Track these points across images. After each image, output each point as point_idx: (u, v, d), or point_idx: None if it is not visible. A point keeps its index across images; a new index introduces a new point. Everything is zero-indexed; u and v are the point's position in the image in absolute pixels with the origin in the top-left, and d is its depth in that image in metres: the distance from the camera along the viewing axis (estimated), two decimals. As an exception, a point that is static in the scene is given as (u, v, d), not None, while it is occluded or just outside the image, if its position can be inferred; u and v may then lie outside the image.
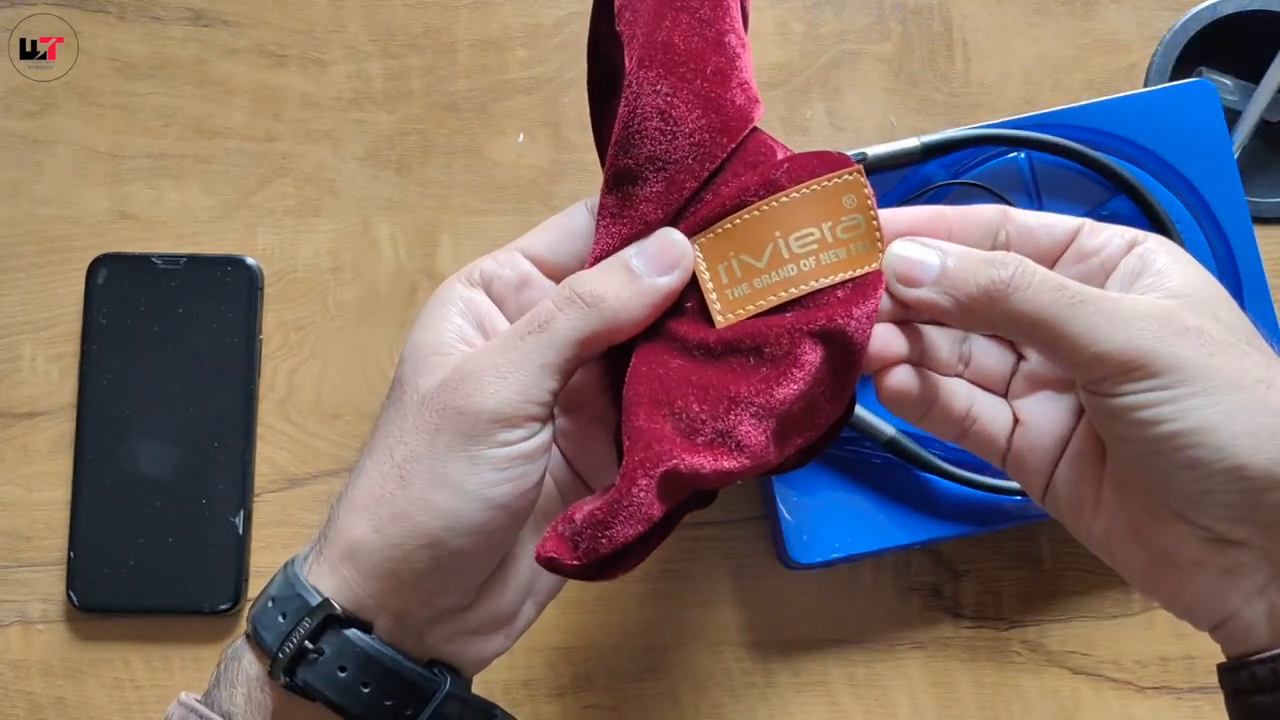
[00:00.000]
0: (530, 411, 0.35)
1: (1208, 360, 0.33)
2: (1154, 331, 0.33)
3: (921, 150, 0.56)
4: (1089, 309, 0.34)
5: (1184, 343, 0.33)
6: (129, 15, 0.64)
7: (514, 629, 0.40)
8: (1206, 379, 0.33)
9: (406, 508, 0.35)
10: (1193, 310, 0.35)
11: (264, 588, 0.39)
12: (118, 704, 0.60)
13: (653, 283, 0.37)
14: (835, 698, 0.60)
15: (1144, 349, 0.33)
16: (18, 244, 0.62)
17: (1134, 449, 0.35)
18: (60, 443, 0.61)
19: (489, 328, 0.38)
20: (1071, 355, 0.35)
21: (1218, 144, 0.58)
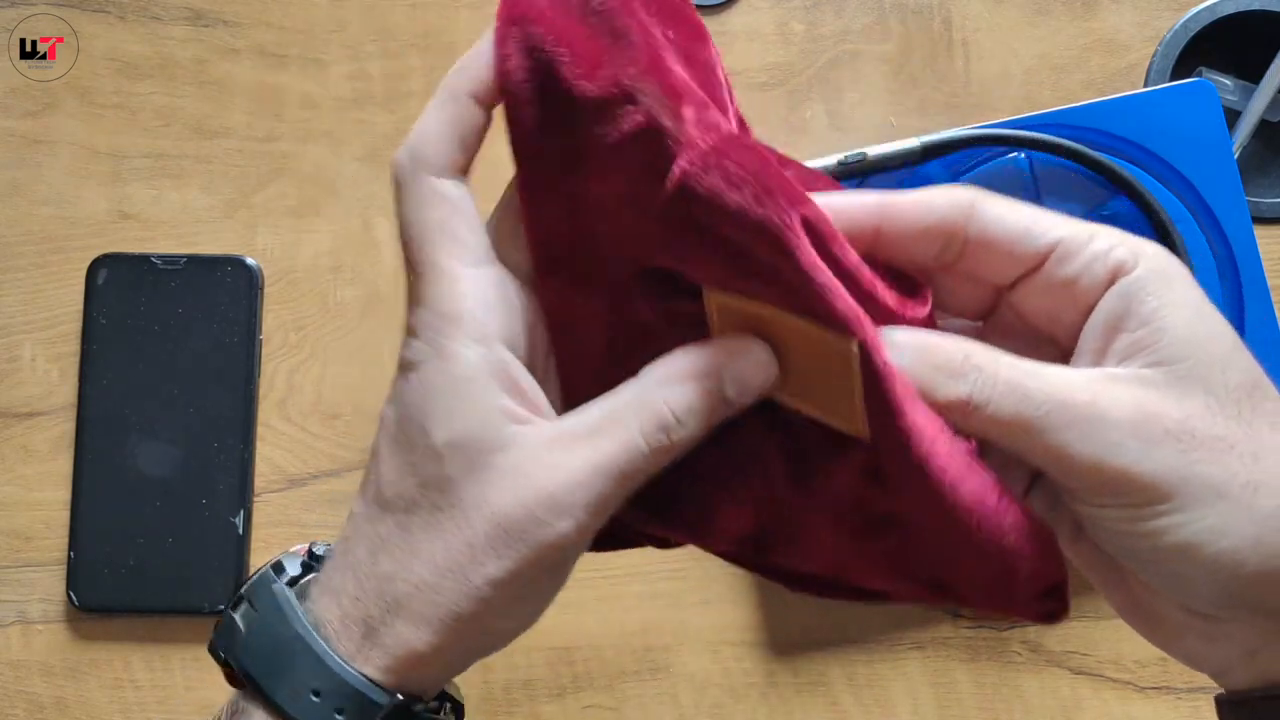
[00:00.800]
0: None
1: (1188, 470, 0.30)
2: (1128, 445, 0.30)
3: (921, 150, 0.56)
4: (1055, 421, 0.31)
5: (1162, 453, 0.30)
6: (129, 15, 0.64)
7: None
8: (1185, 492, 0.30)
9: (487, 623, 0.34)
10: (1181, 387, 0.31)
11: (272, 657, 0.35)
12: (118, 704, 0.60)
13: (739, 409, 0.34)
14: (835, 698, 0.60)
15: (1116, 467, 0.30)
16: (18, 244, 0.62)
17: (1112, 547, 0.33)
18: (60, 443, 0.61)
19: (519, 389, 0.34)
20: (1043, 466, 0.32)
21: (1218, 144, 0.58)
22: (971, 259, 0.33)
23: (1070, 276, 0.32)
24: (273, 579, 0.36)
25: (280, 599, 0.35)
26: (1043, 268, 0.32)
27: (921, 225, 0.33)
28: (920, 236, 0.33)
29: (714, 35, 0.65)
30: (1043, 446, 0.31)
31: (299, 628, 0.34)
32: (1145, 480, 0.30)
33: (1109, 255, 0.31)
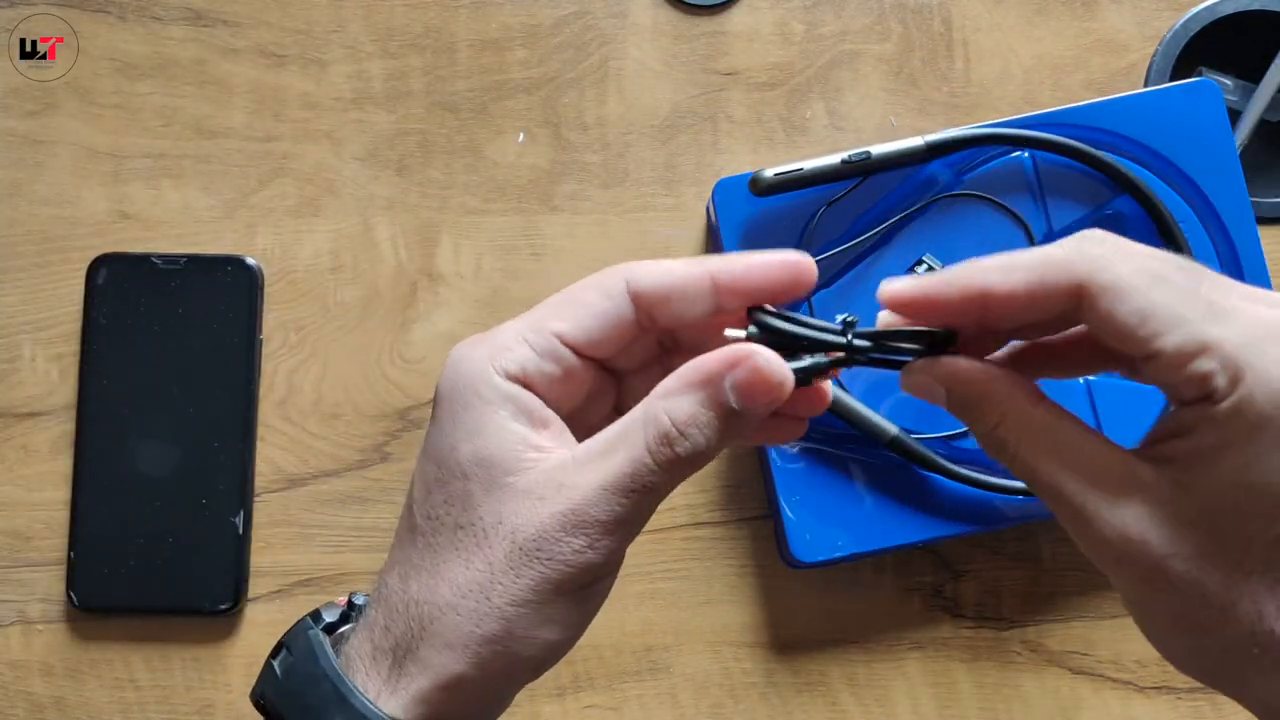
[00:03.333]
0: (626, 550, 0.35)
1: (1147, 593, 0.32)
2: (1104, 559, 0.32)
3: (925, 149, 0.56)
4: (1053, 505, 0.33)
5: (1130, 578, 0.32)
6: (129, 15, 0.64)
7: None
8: (1146, 606, 0.32)
9: (513, 647, 0.34)
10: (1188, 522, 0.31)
11: (302, 698, 0.35)
12: (118, 704, 0.60)
13: (751, 419, 0.33)
14: (835, 698, 0.60)
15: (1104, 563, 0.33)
16: (18, 244, 0.62)
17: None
18: (60, 443, 0.61)
19: (539, 419, 0.35)
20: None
21: (1221, 143, 0.58)
22: (1089, 324, 0.32)
23: (1166, 382, 0.31)
24: (309, 625, 0.37)
25: (314, 642, 0.36)
26: (1147, 362, 0.31)
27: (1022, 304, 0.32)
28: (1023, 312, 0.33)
29: (714, 35, 0.66)
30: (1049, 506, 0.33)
31: (327, 667, 0.35)
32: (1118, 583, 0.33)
33: (1204, 382, 0.30)
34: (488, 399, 0.34)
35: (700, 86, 0.64)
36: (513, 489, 0.33)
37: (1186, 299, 0.30)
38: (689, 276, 0.34)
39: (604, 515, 0.33)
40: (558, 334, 0.34)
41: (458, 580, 0.34)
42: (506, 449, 0.34)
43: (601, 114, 0.63)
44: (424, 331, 0.62)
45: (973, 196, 0.58)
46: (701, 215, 0.63)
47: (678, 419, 0.33)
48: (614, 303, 0.34)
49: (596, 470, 0.33)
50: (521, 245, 0.63)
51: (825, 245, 0.58)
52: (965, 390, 0.33)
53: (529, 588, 0.33)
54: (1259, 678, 0.31)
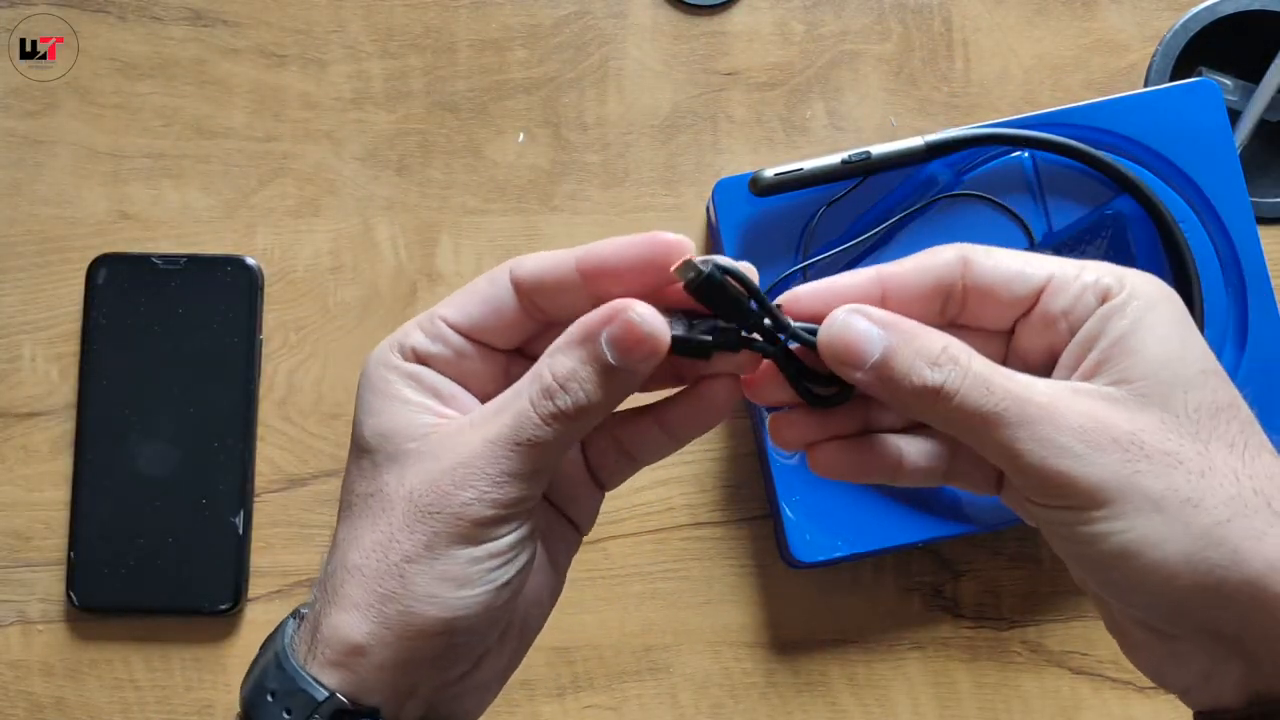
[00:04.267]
0: (528, 508, 0.35)
1: (1129, 479, 0.31)
2: (1073, 448, 0.32)
3: (925, 149, 0.56)
4: (1011, 417, 0.32)
5: (1105, 460, 0.32)
6: (129, 15, 0.64)
7: (509, 674, 0.40)
8: (1123, 500, 0.32)
9: (413, 605, 0.35)
10: (1138, 403, 0.32)
11: (255, 672, 0.37)
12: (118, 704, 0.60)
13: (631, 374, 0.34)
14: (835, 698, 0.60)
15: (1061, 471, 0.32)
16: (18, 244, 0.62)
17: (1059, 549, 0.34)
18: (60, 443, 0.61)
19: (446, 394, 0.36)
20: (997, 461, 0.33)
21: (1221, 143, 0.58)
22: (973, 310, 0.35)
23: (1064, 308, 0.34)
24: (288, 618, 0.38)
25: (279, 626, 0.37)
26: (1037, 305, 0.34)
27: (921, 289, 0.35)
28: (923, 299, 0.35)
29: (714, 35, 0.66)
30: (996, 442, 0.33)
31: (278, 644, 0.36)
32: (1085, 484, 0.32)
33: (1097, 284, 0.33)
34: (388, 380, 0.36)
35: (700, 86, 0.64)
36: (414, 453, 0.35)
37: (1046, 255, 0.35)
38: (556, 261, 0.35)
39: (490, 468, 0.34)
40: (444, 318, 0.36)
41: (363, 542, 0.35)
42: (407, 419, 0.35)
43: (601, 114, 0.63)
44: (424, 331, 0.62)
45: (973, 196, 0.58)
46: (701, 215, 0.63)
47: (558, 374, 0.34)
48: (496, 289, 0.36)
49: (487, 427, 0.35)
50: (521, 245, 0.63)
51: (825, 245, 0.58)
52: (906, 324, 0.34)
53: (422, 543, 0.34)
54: (1254, 542, 0.31)
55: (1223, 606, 0.32)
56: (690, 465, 0.61)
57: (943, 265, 0.35)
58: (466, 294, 0.37)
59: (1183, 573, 0.32)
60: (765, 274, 0.58)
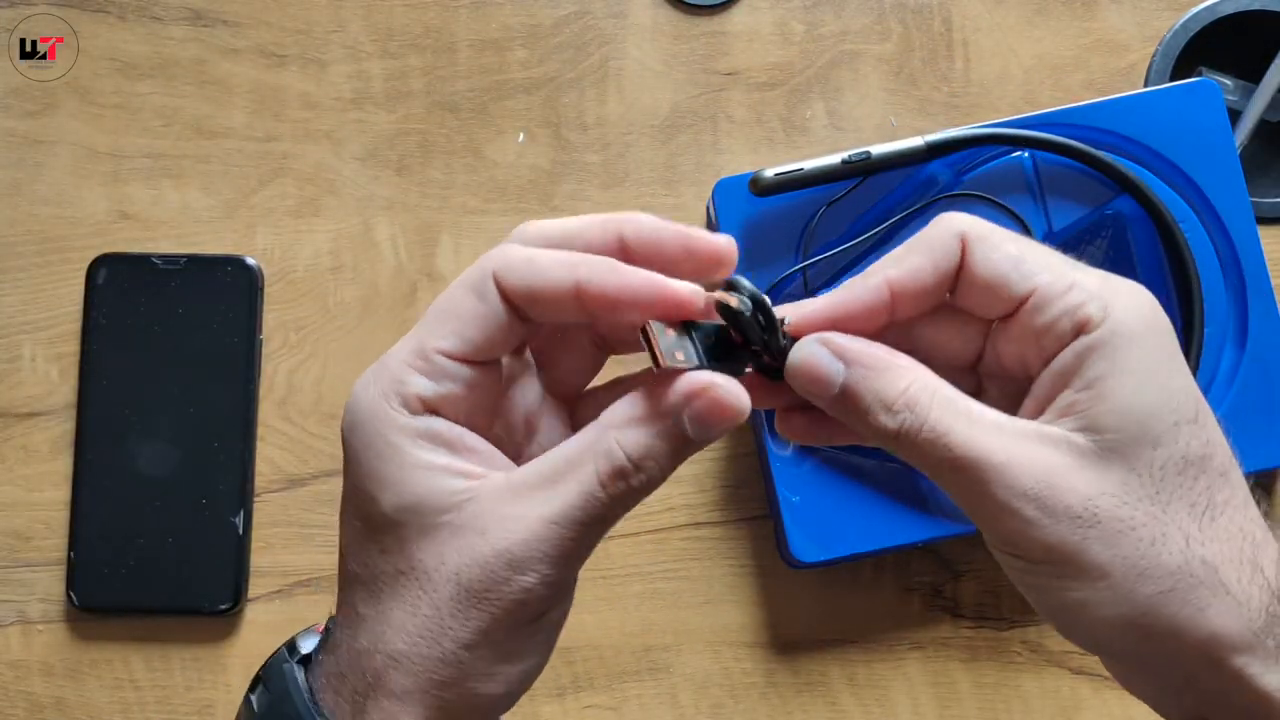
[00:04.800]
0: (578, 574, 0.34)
1: (1079, 545, 0.31)
2: (1026, 513, 0.31)
3: (926, 149, 0.56)
4: (966, 471, 0.32)
5: (1058, 527, 0.31)
6: (129, 15, 0.64)
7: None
8: (1072, 565, 0.31)
9: (475, 686, 0.33)
10: (1102, 460, 0.31)
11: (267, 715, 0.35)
12: (118, 704, 0.60)
13: (704, 443, 0.33)
14: (835, 698, 0.60)
15: (1011, 529, 0.32)
16: (18, 244, 0.62)
17: (1010, 577, 0.34)
18: (60, 443, 0.61)
19: (464, 445, 0.33)
20: (953, 499, 0.33)
21: (1221, 143, 0.58)
22: (963, 293, 0.34)
23: (1040, 327, 0.33)
24: (285, 658, 0.35)
25: (289, 679, 0.35)
26: (1018, 313, 0.33)
27: (923, 285, 0.34)
28: (926, 294, 0.34)
29: (714, 35, 0.66)
30: (950, 485, 0.32)
31: (300, 707, 0.34)
32: (1034, 545, 0.31)
33: (1078, 311, 0.32)
34: (395, 442, 0.32)
35: (700, 86, 0.64)
36: (450, 526, 0.32)
37: (1048, 253, 0.33)
38: (549, 279, 0.32)
39: (552, 550, 0.32)
40: (442, 352, 0.32)
41: (406, 628, 0.32)
42: (432, 488, 0.32)
43: (601, 114, 0.63)
44: (424, 331, 0.62)
45: (973, 196, 0.58)
46: (701, 215, 0.63)
47: (633, 453, 0.32)
48: (487, 305, 0.32)
49: (542, 502, 0.32)
50: (521, 245, 0.63)
51: (825, 245, 0.58)
52: (871, 359, 0.33)
53: (479, 629, 0.32)
54: (1194, 614, 0.31)
55: (1167, 665, 0.32)
56: (690, 465, 0.61)
57: (942, 255, 0.33)
58: (453, 315, 0.32)
59: (1125, 634, 0.32)
60: (765, 274, 0.58)
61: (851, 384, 0.33)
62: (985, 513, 0.32)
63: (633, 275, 0.32)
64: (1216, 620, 0.31)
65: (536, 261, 0.32)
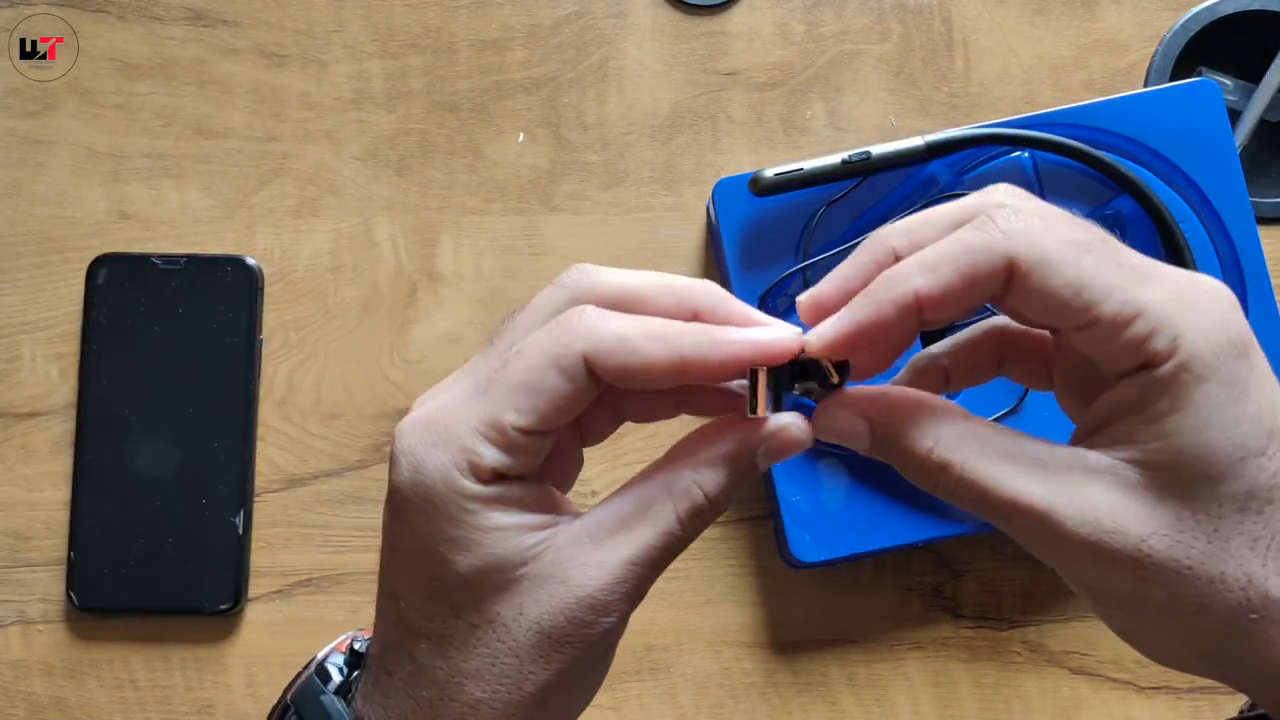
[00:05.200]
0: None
1: (1134, 587, 0.31)
2: (1078, 559, 0.31)
3: (925, 149, 0.56)
4: (1012, 525, 0.31)
5: (1111, 573, 0.30)
6: (129, 15, 0.64)
7: None
8: (1131, 605, 0.31)
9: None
10: (1155, 497, 0.30)
11: None
12: (118, 704, 0.60)
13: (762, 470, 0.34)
14: (835, 698, 0.60)
15: (1069, 573, 0.32)
16: (18, 244, 0.62)
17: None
18: (60, 443, 0.61)
19: (532, 499, 0.33)
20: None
21: (1221, 143, 0.58)
22: (1015, 305, 0.31)
23: (1104, 353, 0.31)
24: (319, 688, 0.35)
25: (333, 713, 0.35)
26: (1082, 331, 0.31)
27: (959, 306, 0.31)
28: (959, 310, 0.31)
29: (714, 35, 0.66)
30: (1007, 530, 0.32)
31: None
32: (1091, 588, 0.32)
33: (1143, 346, 0.30)
34: (469, 509, 0.32)
35: (700, 86, 0.64)
36: (526, 578, 0.32)
37: (1114, 266, 0.30)
38: (658, 364, 0.31)
39: (630, 589, 0.32)
40: (521, 429, 0.31)
41: (484, 676, 0.33)
42: (509, 549, 0.32)
43: (601, 114, 0.63)
44: (424, 331, 0.62)
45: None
46: (701, 215, 0.63)
47: (710, 492, 0.33)
48: (575, 386, 0.31)
49: (622, 545, 0.32)
50: (521, 245, 0.63)
51: (825, 245, 0.58)
52: (894, 418, 0.32)
53: (560, 671, 0.33)
54: (1260, 649, 0.30)
55: (1240, 685, 0.32)
56: (690, 465, 0.61)
57: (983, 279, 0.30)
58: (535, 392, 0.31)
59: (1193, 662, 0.32)
60: (765, 274, 0.58)
61: (878, 442, 0.32)
62: (1041, 554, 0.32)
63: (738, 345, 0.32)
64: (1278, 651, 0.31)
65: (631, 342, 0.31)
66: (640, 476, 0.33)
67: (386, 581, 0.34)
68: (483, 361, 0.33)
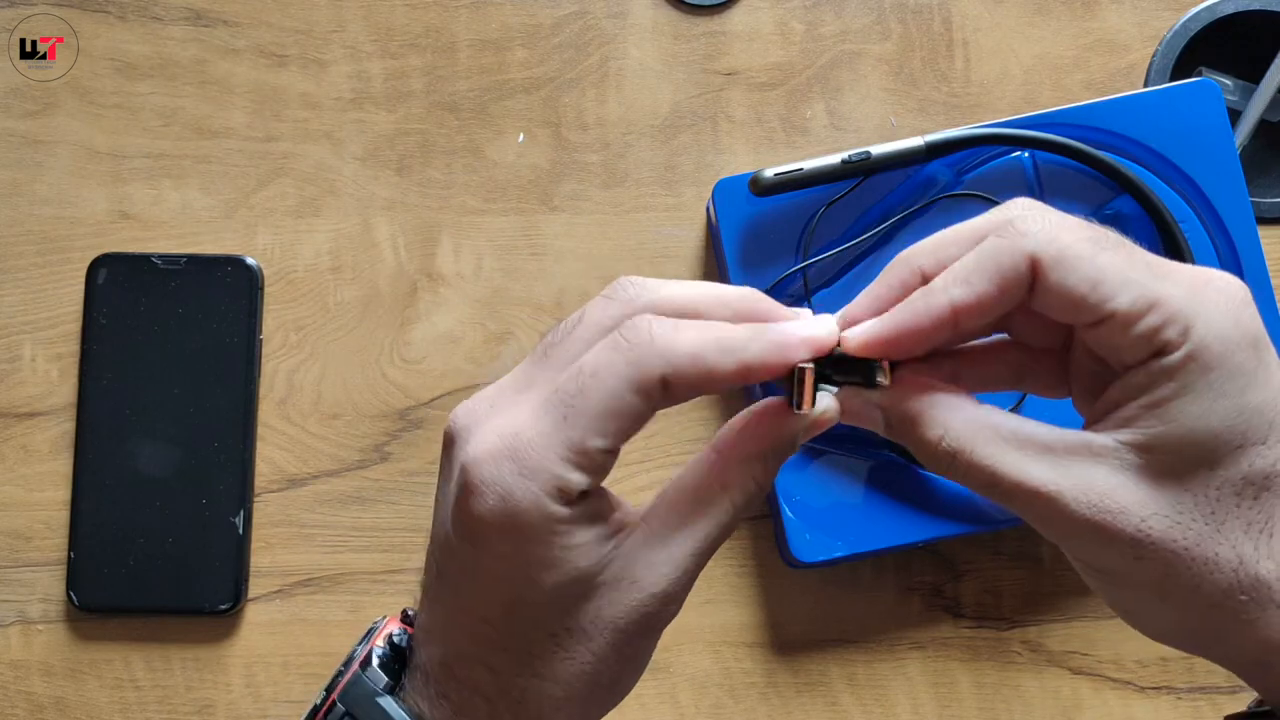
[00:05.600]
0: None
1: (1130, 565, 0.32)
2: (1083, 540, 0.32)
3: (925, 149, 0.56)
4: (1020, 505, 0.33)
5: (1112, 554, 0.32)
6: (129, 15, 0.64)
7: None
8: (1126, 581, 0.33)
9: (613, 704, 0.36)
10: (1157, 481, 0.32)
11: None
12: (118, 704, 0.60)
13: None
14: (835, 698, 0.60)
15: (1072, 551, 0.33)
16: (18, 244, 0.62)
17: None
18: (60, 443, 0.61)
19: (602, 511, 0.34)
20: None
21: (1221, 143, 0.58)
22: (1039, 304, 0.33)
23: (1118, 345, 0.32)
24: (373, 689, 0.36)
25: (395, 716, 0.35)
26: (1098, 326, 0.32)
27: (992, 311, 0.33)
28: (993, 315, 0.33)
29: (714, 35, 0.66)
30: (1016, 512, 0.33)
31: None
32: (1096, 564, 0.33)
33: (1155, 336, 0.31)
34: (558, 530, 0.33)
35: (700, 86, 0.64)
36: (603, 584, 0.34)
37: (1129, 263, 0.32)
38: (727, 376, 0.33)
39: (692, 576, 0.35)
40: (601, 450, 0.33)
41: (562, 678, 0.34)
42: (589, 561, 0.33)
43: (601, 114, 0.63)
44: (424, 331, 0.62)
45: (973, 196, 0.58)
46: (701, 215, 0.63)
47: (763, 481, 0.35)
48: (651, 404, 0.33)
49: (685, 540, 0.35)
50: (521, 245, 0.63)
51: (825, 245, 0.58)
52: (910, 402, 0.34)
53: (630, 659, 0.35)
54: (1245, 629, 0.32)
55: (1229, 662, 0.34)
56: (690, 465, 0.61)
57: (1012, 281, 0.32)
58: (616, 415, 0.32)
59: (1184, 638, 0.34)
60: (765, 274, 0.58)
61: (893, 428, 0.34)
62: (1047, 533, 0.33)
63: (794, 347, 0.33)
64: (1265, 631, 0.32)
65: (705, 360, 0.32)
66: (692, 469, 0.35)
67: (453, 593, 0.35)
68: (541, 374, 0.34)
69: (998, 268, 0.32)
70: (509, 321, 0.62)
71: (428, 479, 0.61)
